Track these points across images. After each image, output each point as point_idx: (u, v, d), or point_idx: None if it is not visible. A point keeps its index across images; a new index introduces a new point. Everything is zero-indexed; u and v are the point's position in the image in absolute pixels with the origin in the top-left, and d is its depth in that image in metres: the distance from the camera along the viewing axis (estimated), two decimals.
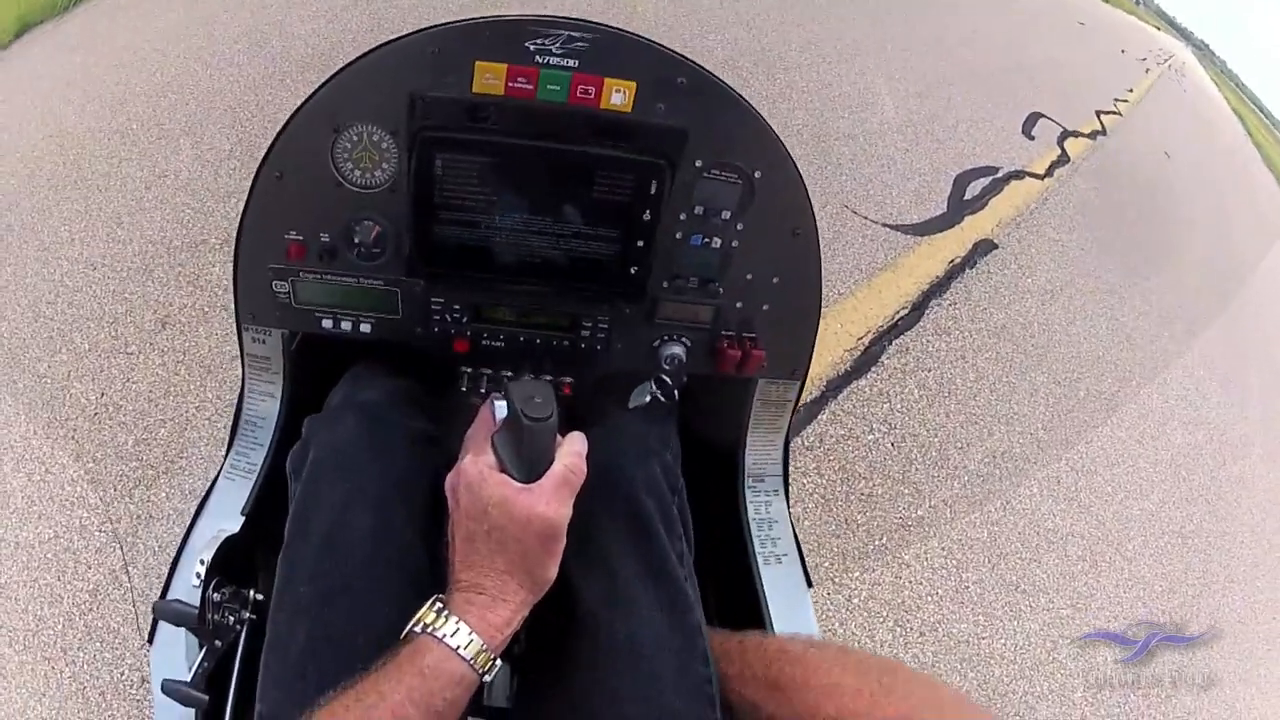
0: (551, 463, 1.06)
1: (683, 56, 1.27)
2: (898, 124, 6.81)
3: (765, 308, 1.51)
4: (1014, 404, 4.44)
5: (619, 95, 1.25)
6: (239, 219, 1.38)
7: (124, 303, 3.52)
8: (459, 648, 0.95)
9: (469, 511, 1.03)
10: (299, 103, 1.27)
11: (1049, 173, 7.28)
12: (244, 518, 1.45)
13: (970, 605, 3.36)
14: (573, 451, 1.10)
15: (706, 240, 1.42)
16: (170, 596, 1.36)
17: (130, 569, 2.69)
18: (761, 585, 1.55)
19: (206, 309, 3.49)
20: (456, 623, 0.96)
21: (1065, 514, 4.01)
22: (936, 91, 7.90)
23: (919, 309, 4.65)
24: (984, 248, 5.53)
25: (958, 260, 5.26)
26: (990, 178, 6.54)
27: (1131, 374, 5.36)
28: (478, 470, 1.04)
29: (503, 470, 1.04)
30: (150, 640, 1.38)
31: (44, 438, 3.04)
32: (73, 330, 3.40)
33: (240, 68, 5.19)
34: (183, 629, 1.31)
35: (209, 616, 1.27)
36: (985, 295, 5.09)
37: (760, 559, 1.60)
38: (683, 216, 1.39)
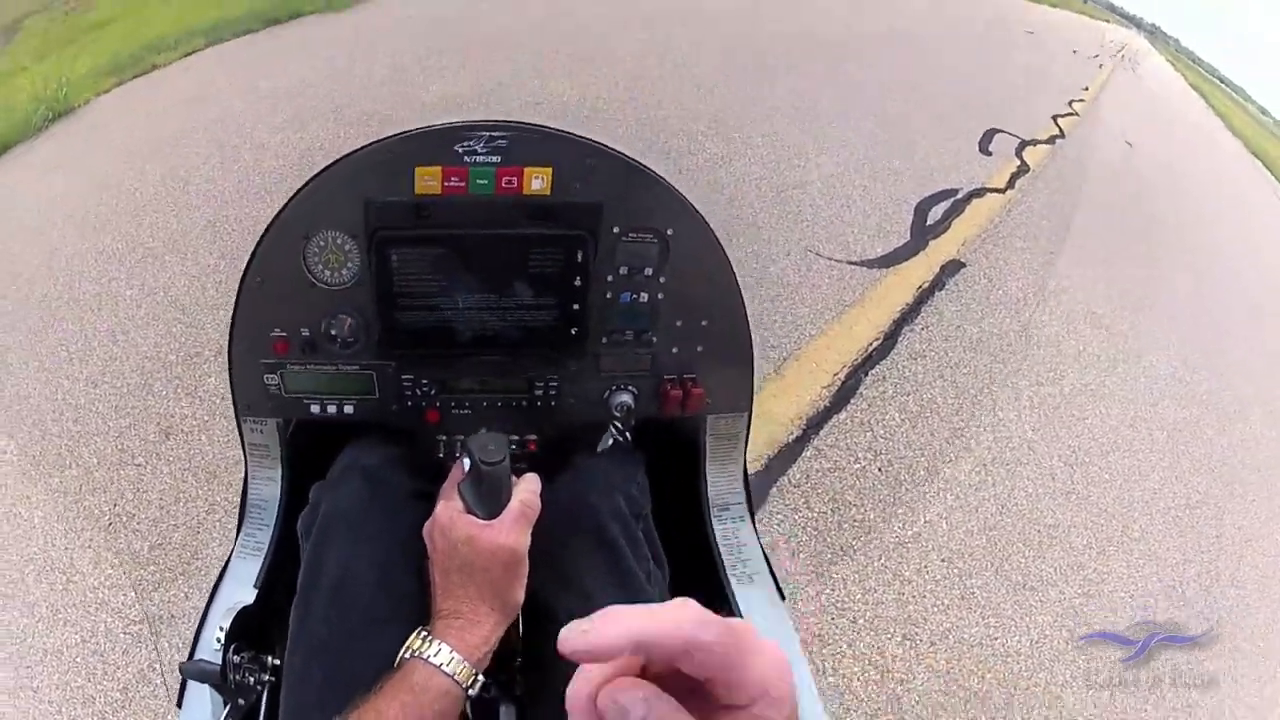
0: (509, 501, 1.24)
1: (589, 139, 1.41)
2: (854, 163, 6.95)
3: (699, 349, 1.63)
4: (998, 412, 4.52)
5: (538, 181, 1.39)
6: (230, 322, 1.51)
7: (127, 416, 3.67)
8: (442, 665, 1.11)
9: (443, 550, 1.21)
10: (272, 215, 1.42)
11: (1010, 184, 7.42)
12: (257, 590, 1.56)
13: (979, 610, 3.41)
14: (526, 490, 1.28)
15: (635, 296, 1.55)
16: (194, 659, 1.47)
17: (158, 664, 2.81)
18: (736, 602, 1.64)
19: (206, 418, 3.64)
20: (438, 645, 1.13)
21: (1064, 508, 4.07)
22: (890, 126, 8.04)
23: (892, 337, 4.75)
24: (951, 268, 5.65)
25: (926, 284, 5.36)
26: (951, 200, 6.68)
27: (1115, 363, 5.44)
28: (448, 515, 1.22)
29: (469, 512, 1.22)
30: (179, 704, 1.49)
31: (62, 549, 3.18)
32: (80, 446, 3.55)
33: (214, 182, 5.38)
34: (208, 692, 1.44)
35: (231, 676, 1.39)
36: (957, 313, 5.19)
37: (733, 579, 1.68)
38: (610, 278, 1.52)
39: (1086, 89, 12.41)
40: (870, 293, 5.13)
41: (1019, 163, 8.02)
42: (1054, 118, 9.90)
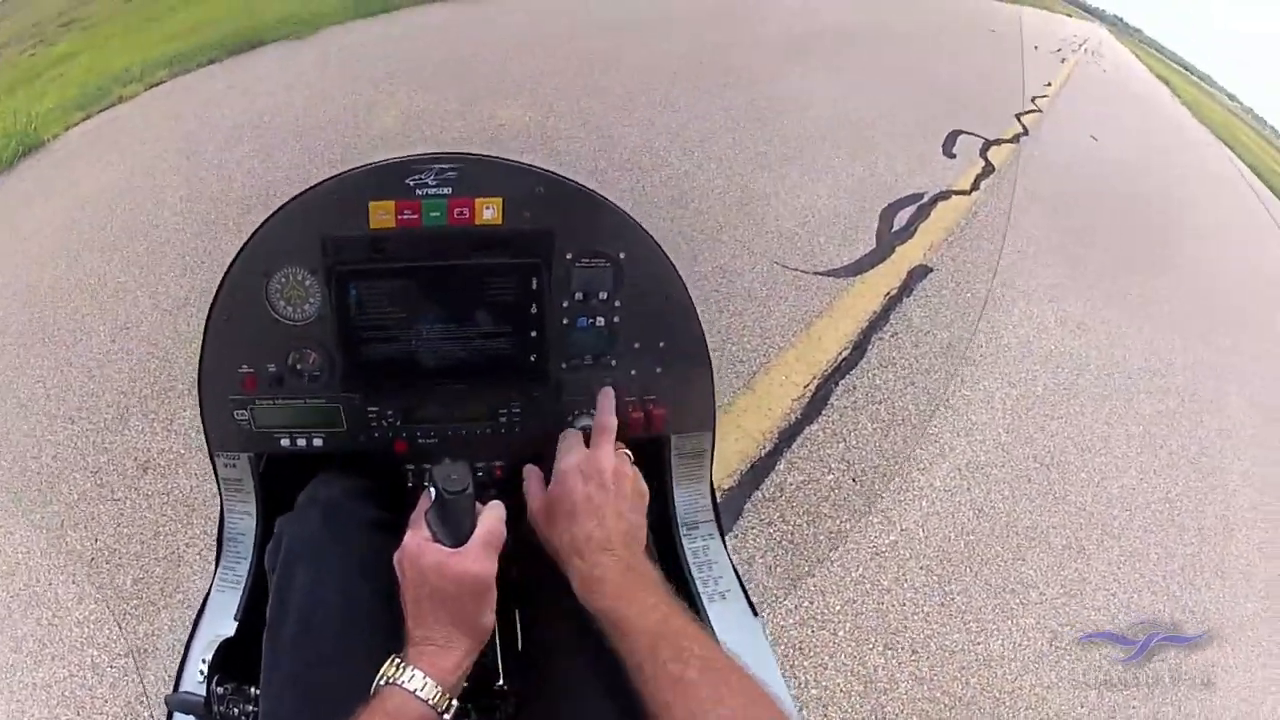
0: (474, 528, 1.25)
1: (537, 168, 1.44)
2: (817, 173, 6.95)
3: (659, 370, 1.63)
4: (970, 415, 4.52)
5: (489, 211, 1.42)
6: (199, 360, 1.53)
7: (105, 452, 3.67)
8: (416, 691, 1.12)
9: (412, 579, 1.22)
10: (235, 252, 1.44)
11: (975, 186, 7.42)
12: (237, 622, 1.56)
13: (959, 615, 3.41)
14: (492, 517, 1.28)
15: (591, 321, 1.56)
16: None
17: (145, 697, 2.83)
18: (709, 622, 1.61)
19: (183, 451, 3.64)
20: (412, 671, 1.14)
21: (1041, 510, 4.07)
22: (852, 132, 8.05)
23: (861, 346, 4.74)
24: (919, 273, 5.64)
25: (893, 291, 5.35)
26: (916, 204, 6.67)
27: (1088, 359, 5.45)
28: (416, 544, 1.23)
29: (436, 540, 1.23)
30: None
31: (46, 585, 3.19)
32: (60, 482, 3.55)
33: (184, 216, 5.35)
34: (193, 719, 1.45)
35: (215, 708, 1.41)
36: (925, 319, 5.18)
37: (705, 598, 1.67)
38: (566, 304, 1.54)
39: (1049, 85, 12.45)
40: (838, 302, 5.13)
41: (984, 163, 8.02)
42: (1017, 115, 9.92)
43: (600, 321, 1.57)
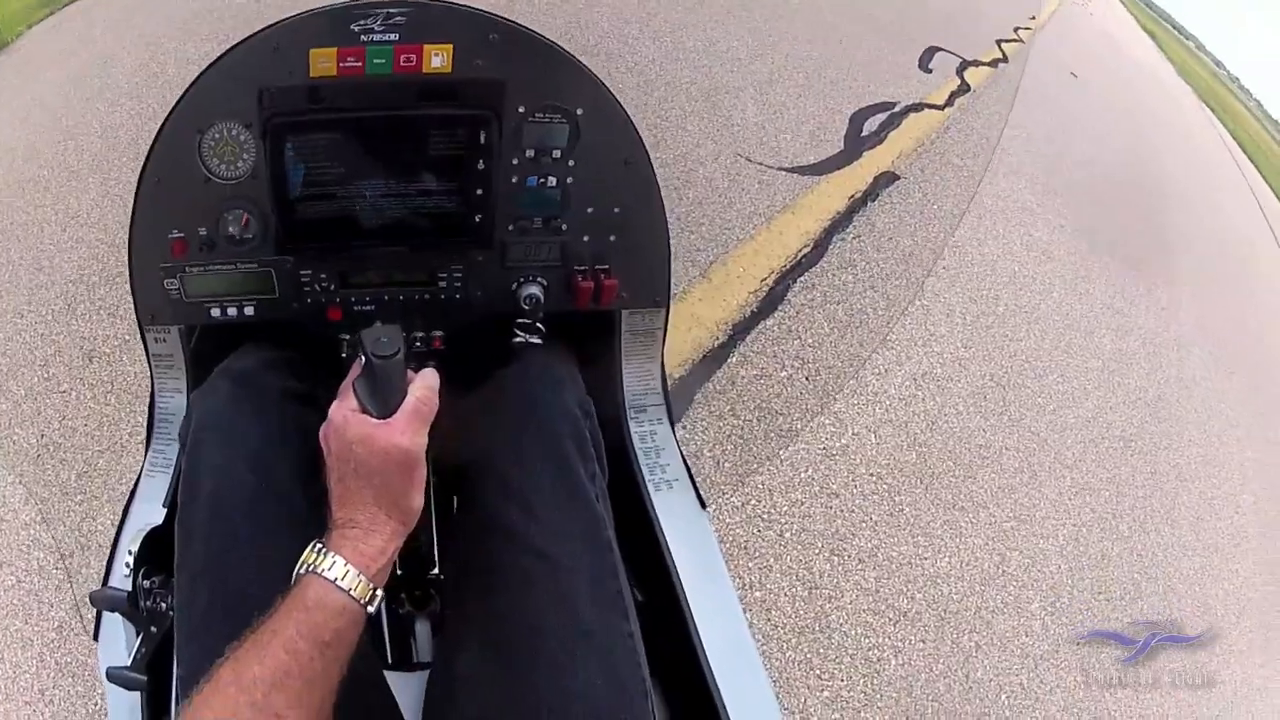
0: (404, 397, 1.14)
1: (491, 15, 1.36)
2: (788, 72, 6.75)
3: (612, 239, 1.58)
4: (930, 325, 4.41)
5: (438, 58, 1.34)
6: (129, 227, 1.48)
7: (52, 344, 3.52)
8: (337, 579, 1.02)
9: (337, 454, 1.12)
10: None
11: (949, 103, 7.26)
12: (165, 509, 1.51)
13: (908, 528, 3.35)
14: (424, 385, 1.18)
15: (542, 180, 1.49)
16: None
17: (77, 600, 2.73)
18: (654, 511, 1.59)
19: (128, 336, 3.49)
20: (333, 558, 1.04)
21: (996, 429, 4.00)
22: (827, 35, 7.84)
23: (822, 245, 4.60)
24: (885, 180, 5.49)
25: (859, 194, 5.21)
26: (887, 113, 6.50)
27: (1051, 286, 5.39)
28: (341, 415, 1.13)
29: (364, 411, 1.13)
30: (95, 637, 1.48)
31: None
32: (8, 379, 3.41)
33: (140, 100, 5.16)
34: (123, 621, 1.40)
35: (142, 603, 1.35)
36: (890, 225, 5.05)
37: (651, 486, 1.64)
38: (516, 161, 1.47)
39: (1034, 18, 12.32)
40: (801, 199, 4.97)
41: (959, 82, 7.86)
42: (998, 42, 9.72)
43: (552, 181, 1.51)
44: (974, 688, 3.01)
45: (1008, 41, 9.91)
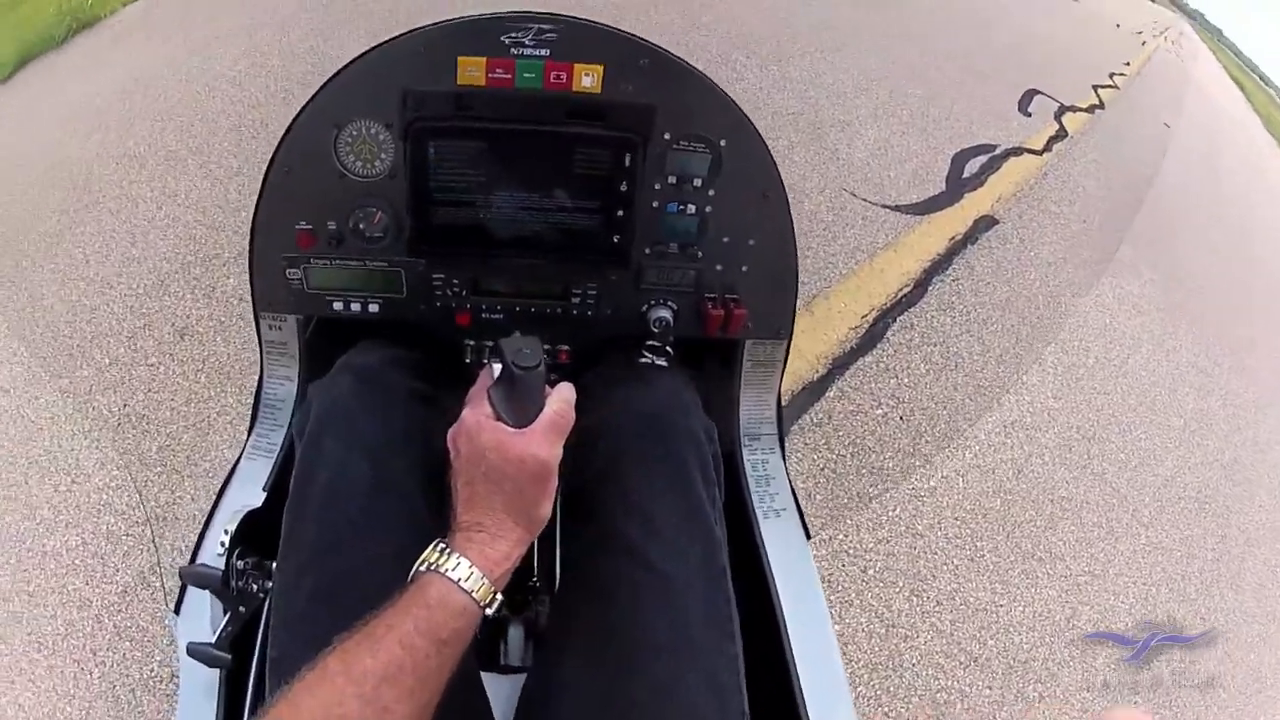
0: (542, 409, 1.14)
1: (644, 40, 1.38)
2: (893, 108, 6.79)
3: (744, 269, 1.59)
4: (1022, 375, 4.43)
5: (589, 78, 1.36)
6: (253, 214, 1.49)
7: (142, 317, 3.60)
8: (460, 580, 1.02)
9: (468, 458, 1.12)
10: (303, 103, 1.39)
11: (1047, 148, 7.25)
12: (265, 493, 1.53)
13: (986, 574, 3.36)
14: (561, 399, 1.18)
15: (682, 207, 1.51)
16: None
17: (159, 567, 2.79)
18: (761, 538, 1.60)
19: (223, 319, 3.58)
20: (458, 559, 1.04)
21: (1078, 481, 3.99)
22: (930, 75, 7.85)
23: (922, 285, 4.65)
24: (985, 224, 5.52)
25: (959, 237, 5.25)
26: (988, 155, 6.53)
27: (1140, 341, 5.33)
28: (475, 420, 1.13)
29: (498, 419, 1.12)
30: (177, 610, 1.47)
31: (68, 450, 3.13)
32: (92, 346, 3.48)
33: (242, 88, 5.26)
34: (208, 598, 1.39)
35: (233, 583, 1.35)
36: (988, 270, 5.07)
37: (760, 514, 1.65)
38: (658, 186, 1.48)
39: (1128, 64, 12.22)
40: (903, 238, 5.02)
41: (1057, 127, 7.84)
42: (1095, 87, 9.69)
43: (691, 209, 1.52)
44: None
45: (1104, 88, 9.86)
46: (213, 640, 1.35)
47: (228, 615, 1.37)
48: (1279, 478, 4.97)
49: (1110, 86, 10.23)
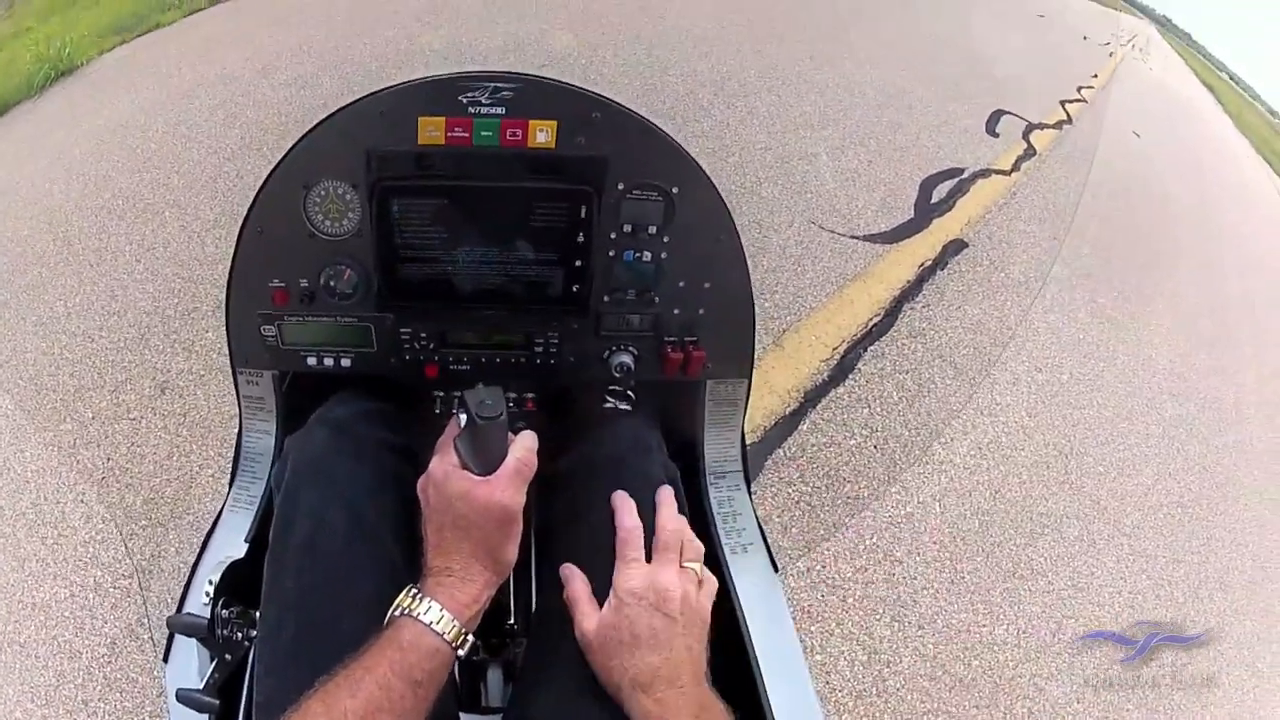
0: (505, 457, 1.21)
1: (595, 94, 1.40)
2: (859, 137, 6.86)
3: (701, 312, 1.62)
4: (995, 395, 4.47)
5: (543, 134, 1.39)
6: (228, 273, 1.51)
7: (124, 371, 3.69)
8: (432, 623, 1.10)
9: (436, 506, 1.20)
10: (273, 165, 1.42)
11: (1015, 167, 7.32)
12: (247, 544, 1.56)
13: (968, 595, 3.39)
14: (524, 447, 1.24)
15: (638, 255, 1.54)
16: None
17: (147, 619, 2.85)
18: (729, 573, 1.62)
19: (203, 372, 3.66)
20: (429, 603, 1.12)
21: (1057, 497, 4.04)
22: (896, 101, 7.93)
23: (892, 314, 4.70)
24: (954, 247, 5.58)
25: (928, 263, 5.30)
26: (956, 179, 6.59)
27: (1115, 354, 5.39)
28: (442, 470, 1.20)
29: (464, 467, 1.20)
30: (165, 659, 1.51)
31: (54, 504, 3.21)
32: (75, 400, 3.57)
33: (218, 139, 5.36)
34: (195, 646, 1.44)
35: (218, 631, 1.40)
36: (958, 293, 5.13)
37: (727, 549, 1.67)
38: (613, 235, 1.51)
39: (1095, 76, 12.29)
40: (872, 267, 5.08)
41: (1025, 145, 7.91)
42: (1062, 102, 9.77)
43: (647, 256, 1.55)
44: None
45: (1071, 102, 9.94)
46: (200, 686, 1.40)
47: (214, 662, 1.42)
48: (1265, 478, 5.02)
49: (1078, 100, 10.29)
